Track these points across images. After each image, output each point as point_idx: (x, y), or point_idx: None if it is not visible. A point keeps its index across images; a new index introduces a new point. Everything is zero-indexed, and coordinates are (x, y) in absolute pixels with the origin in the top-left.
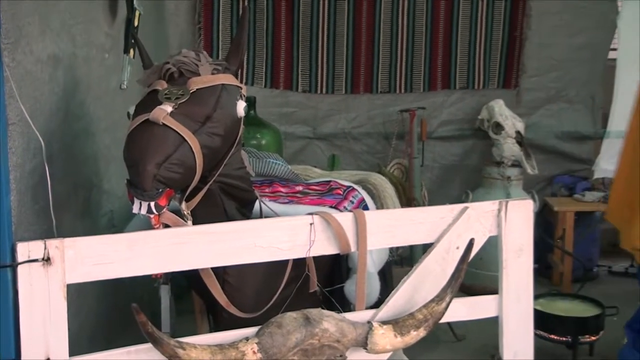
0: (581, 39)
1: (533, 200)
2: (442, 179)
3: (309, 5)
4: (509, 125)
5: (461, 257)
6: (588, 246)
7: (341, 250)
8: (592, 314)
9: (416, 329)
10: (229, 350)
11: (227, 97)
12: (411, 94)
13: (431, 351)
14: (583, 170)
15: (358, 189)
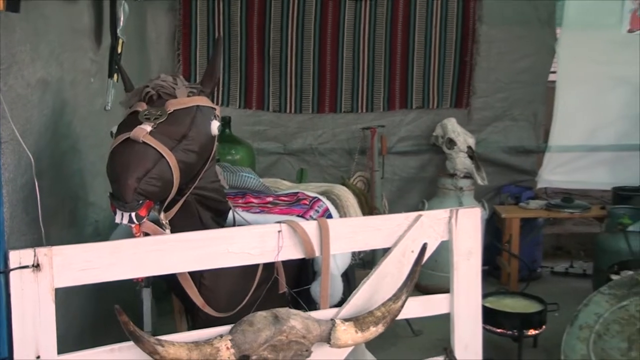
0: (524, 64)
1: (483, 209)
2: (401, 190)
3: (278, 32)
4: (461, 140)
5: (415, 260)
6: (532, 249)
7: (307, 255)
8: (536, 310)
9: (375, 325)
10: (204, 347)
11: (201, 117)
12: (372, 113)
13: (391, 345)
14: (527, 180)
15: (323, 199)
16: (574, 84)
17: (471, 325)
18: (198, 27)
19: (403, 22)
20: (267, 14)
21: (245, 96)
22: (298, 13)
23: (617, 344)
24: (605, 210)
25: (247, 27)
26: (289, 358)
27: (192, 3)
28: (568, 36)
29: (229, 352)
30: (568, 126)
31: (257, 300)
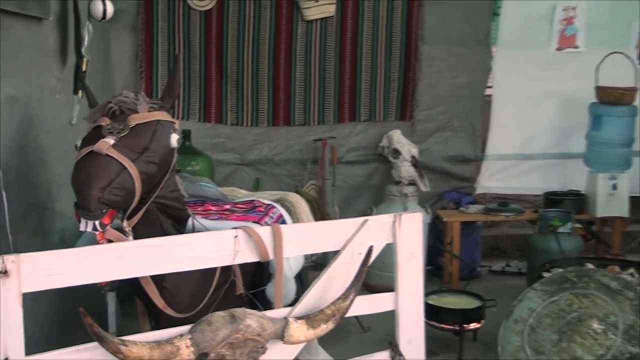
0: (463, 79)
1: (426, 213)
2: (350, 197)
3: (235, 51)
4: (405, 150)
5: (362, 262)
6: (472, 250)
7: (261, 258)
8: (475, 306)
9: (326, 322)
10: (165, 346)
11: (162, 130)
12: (323, 125)
13: (341, 341)
14: (467, 187)
15: (277, 206)
16: (508, 98)
17: (414, 321)
18: (159, 46)
19: (351, 42)
20: (224, 34)
21: (204, 110)
22: (253, 32)
23: (548, 336)
24: (538, 213)
25: (205, 46)
26: (246, 355)
27: (154, 24)
28: (502, 54)
29: (189, 350)
30: (503, 136)
31: (216, 301)
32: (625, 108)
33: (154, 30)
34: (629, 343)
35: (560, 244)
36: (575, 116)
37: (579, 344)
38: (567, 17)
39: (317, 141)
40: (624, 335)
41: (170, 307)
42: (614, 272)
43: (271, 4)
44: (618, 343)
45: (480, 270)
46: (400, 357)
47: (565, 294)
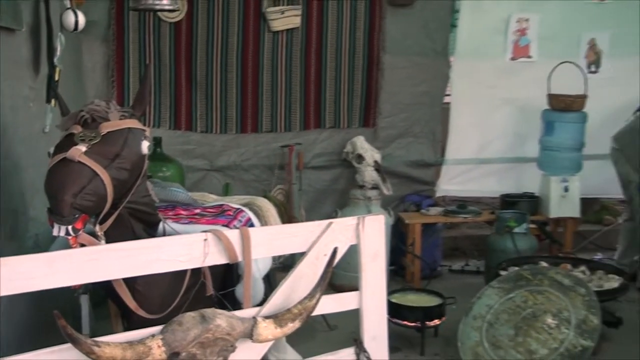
0: (423, 88)
1: (389, 215)
2: (316, 201)
3: (204, 61)
4: (369, 156)
5: (327, 262)
6: (432, 250)
7: (230, 260)
8: (436, 303)
9: (293, 321)
10: (137, 346)
11: (133, 138)
12: (290, 132)
13: (309, 339)
14: (427, 190)
15: (246, 210)
16: (466, 105)
17: (378, 318)
18: (130, 57)
19: (316, 52)
20: (193, 45)
21: (174, 118)
22: (222, 43)
23: (505, 331)
24: (495, 214)
25: (175, 56)
26: (216, 353)
27: (125, 35)
28: (460, 64)
29: (160, 350)
30: (461, 142)
31: (186, 302)
32: (575, 114)
33: (125, 41)
34: (580, 337)
35: (516, 243)
36: (528, 122)
37: (534, 338)
38: (521, 29)
39: (284, 147)
40: (576, 330)
41: (142, 308)
42: (566, 270)
43: (239, 16)
44: (571, 337)
45: (441, 270)
46: (365, 354)
47: (521, 291)
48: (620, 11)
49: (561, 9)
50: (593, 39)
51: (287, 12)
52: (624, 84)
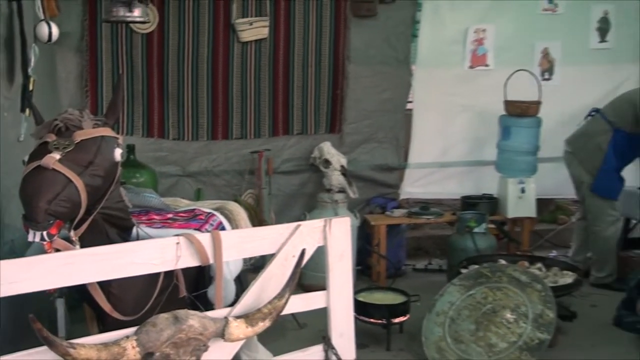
0: (386, 95)
1: (355, 218)
2: (285, 204)
3: (175, 70)
4: (335, 161)
5: (296, 263)
6: (397, 250)
7: (202, 263)
8: (401, 301)
9: (263, 320)
10: (112, 347)
11: (106, 145)
12: (259, 139)
13: (280, 337)
14: (392, 193)
15: (217, 214)
16: (427, 111)
17: (345, 316)
18: (104, 67)
19: (284, 61)
20: (165, 55)
21: (147, 126)
22: (192, 53)
23: (467, 326)
24: (456, 215)
25: (147, 66)
26: (189, 353)
27: (98, 46)
28: (421, 72)
29: (135, 351)
30: (423, 147)
31: (160, 304)
32: (530, 119)
33: (97, 52)
34: (537, 330)
35: (476, 242)
36: (487, 127)
37: (494, 333)
38: (478, 39)
39: (254, 153)
40: (533, 323)
41: (117, 310)
42: (523, 267)
43: (208, 27)
44: (528, 330)
45: (405, 269)
46: (333, 350)
47: (481, 287)
48: (570, 22)
49: (516, 19)
50: (546, 47)
51: (256, 24)
52: (575, 91)
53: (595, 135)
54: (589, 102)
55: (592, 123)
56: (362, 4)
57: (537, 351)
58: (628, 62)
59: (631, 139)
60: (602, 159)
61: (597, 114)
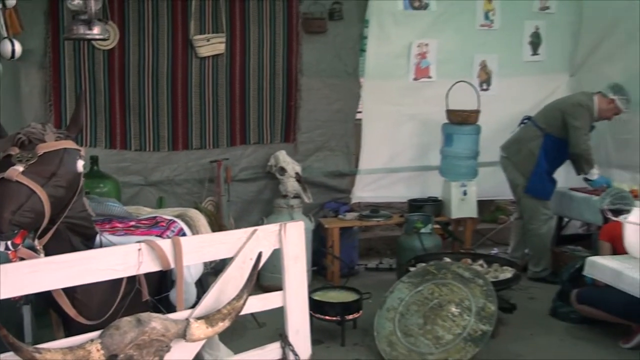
0: (337, 106)
1: (310, 221)
2: (244, 210)
3: (136, 84)
4: (290, 168)
5: (253, 266)
6: (350, 251)
7: (163, 268)
8: (354, 299)
9: (223, 320)
10: (77, 351)
11: (68, 157)
12: (218, 148)
13: (240, 337)
14: (344, 197)
15: (178, 221)
16: (375, 121)
17: (300, 314)
18: (67, 82)
19: (240, 75)
20: (126, 70)
21: (110, 138)
22: (152, 68)
23: (415, 321)
24: (403, 217)
25: (109, 81)
26: (152, 354)
27: (60, 62)
28: (369, 84)
29: (99, 353)
30: (372, 154)
31: (123, 308)
32: (470, 127)
33: (60, 68)
34: (480, 322)
35: (422, 242)
36: (431, 135)
37: (440, 326)
38: (421, 53)
39: (213, 162)
40: (476, 316)
41: (82, 315)
42: (466, 264)
43: (168, 43)
44: (472, 323)
45: (358, 268)
46: (289, 347)
47: (428, 284)
48: (505, 36)
49: (456, 34)
50: (484, 60)
51: (213, 40)
52: (511, 100)
53: (527, 141)
54: (524, 110)
55: (525, 130)
56: (313, 21)
57: (480, 342)
58: (558, 73)
59: (560, 144)
60: (534, 162)
61: (529, 121)
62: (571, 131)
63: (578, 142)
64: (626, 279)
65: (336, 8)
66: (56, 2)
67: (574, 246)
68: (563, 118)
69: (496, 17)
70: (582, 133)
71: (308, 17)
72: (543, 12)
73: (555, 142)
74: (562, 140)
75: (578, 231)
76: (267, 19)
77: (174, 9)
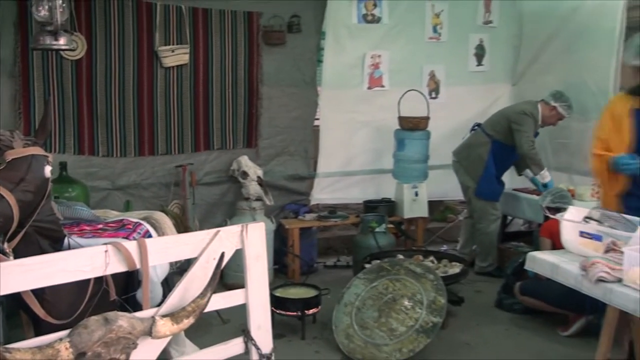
0: (296, 113)
1: (271, 222)
2: (208, 212)
3: (103, 93)
4: (252, 172)
5: (216, 265)
6: (309, 250)
7: (129, 268)
8: (313, 295)
9: (187, 317)
10: (47, 349)
11: (36, 163)
12: (183, 154)
13: (205, 333)
14: (303, 199)
15: (144, 223)
16: (332, 127)
17: (262, 310)
18: (35, 91)
19: (203, 84)
20: (93, 79)
21: (78, 144)
22: (119, 77)
23: (371, 314)
24: (359, 218)
25: (77, 90)
26: (119, 351)
27: (30, 71)
28: (326, 93)
29: (68, 352)
30: (329, 158)
31: (91, 307)
32: (421, 132)
33: (30, 77)
34: (431, 314)
35: (377, 240)
36: (384, 140)
37: (394, 319)
38: (374, 63)
39: (178, 167)
40: (427, 309)
41: (51, 315)
42: (418, 261)
43: (133, 54)
44: (423, 315)
45: (317, 266)
46: (252, 341)
47: (382, 280)
48: (452, 48)
49: (406, 46)
50: (432, 70)
51: (177, 51)
52: (458, 107)
53: (476, 146)
54: (470, 116)
55: (474, 136)
56: (273, 34)
57: (431, 332)
58: (500, 82)
59: (507, 149)
60: (483, 167)
61: (479, 128)
62: (516, 134)
63: (522, 143)
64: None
65: (294, 21)
66: (25, 13)
67: (517, 242)
68: (509, 125)
69: (443, 30)
70: (526, 136)
71: (268, 29)
72: (486, 26)
73: (503, 147)
74: (508, 146)
75: (521, 229)
76: (229, 31)
77: (139, 21)
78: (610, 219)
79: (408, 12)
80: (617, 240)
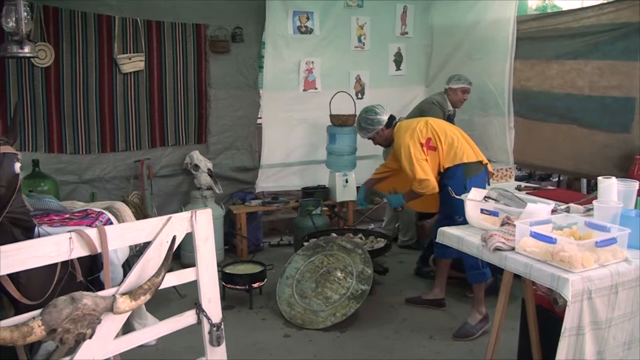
0: (240, 113)
1: (221, 209)
2: (165, 201)
3: (70, 96)
4: (203, 165)
5: (169, 247)
6: (256, 232)
7: (91, 252)
8: (259, 270)
9: (144, 295)
10: (22, 327)
11: (7, 161)
12: (141, 150)
13: (164, 307)
14: (249, 188)
15: (106, 212)
16: (273, 124)
17: (211, 285)
18: (11, 95)
19: (158, 88)
20: (60, 85)
21: (48, 143)
22: (83, 83)
23: (309, 285)
24: (298, 202)
25: (47, 94)
26: (85, 326)
27: (6, 78)
28: (267, 95)
29: (40, 329)
30: (271, 151)
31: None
32: (349, 128)
33: (6, 83)
34: (360, 283)
35: (314, 222)
36: (318, 135)
37: (329, 288)
38: (309, 68)
39: (137, 162)
40: (357, 279)
41: (25, 297)
42: (349, 238)
43: (95, 61)
44: (354, 284)
45: (263, 245)
46: (203, 313)
47: (319, 255)
48: (374, 56)
49: (335, 54)
50: (358, 75)
51: (134, 58)
52: None
53: None
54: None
55: None
56: (219, 43)
57: (361, 298)
58: (416, 84)
59: None
60: None
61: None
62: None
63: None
64: (466, 243)
65: (237, 32)
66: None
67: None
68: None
69: (367, 40)
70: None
71: (214, 39)
72: (403, 36)
73: None
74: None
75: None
76: (180, 40)
77: (100, 32)
78: (505, 198)
79: (336, 24)
80: (511, 215)
